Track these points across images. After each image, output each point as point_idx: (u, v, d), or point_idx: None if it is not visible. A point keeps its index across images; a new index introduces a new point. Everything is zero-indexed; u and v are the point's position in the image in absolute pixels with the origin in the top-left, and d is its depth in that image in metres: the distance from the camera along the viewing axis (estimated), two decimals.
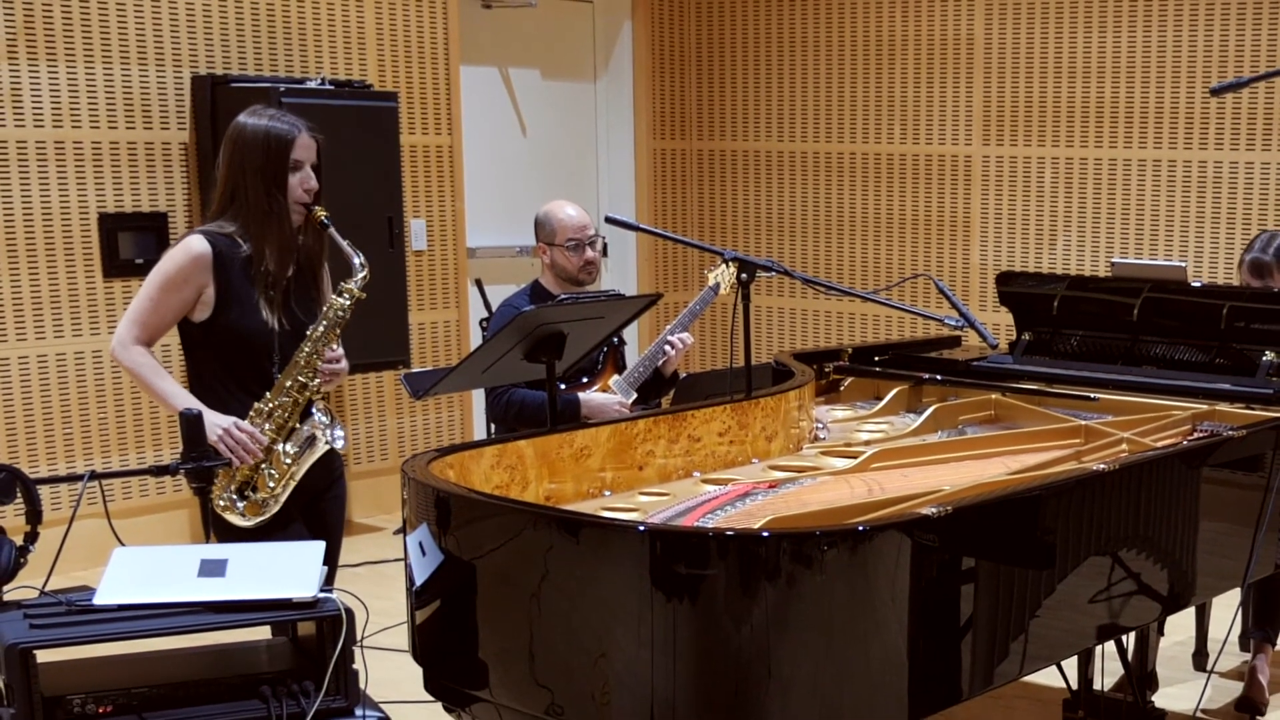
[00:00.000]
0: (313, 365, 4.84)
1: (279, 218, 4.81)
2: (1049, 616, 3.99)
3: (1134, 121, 9.82)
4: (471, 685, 3.76)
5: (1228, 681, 6.59)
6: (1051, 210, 10.16)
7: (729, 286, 6.18)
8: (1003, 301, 6.00)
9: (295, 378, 4.84)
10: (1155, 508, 4.36)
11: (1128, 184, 9.88)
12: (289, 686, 3.70)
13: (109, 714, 3.57)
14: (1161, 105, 9.73)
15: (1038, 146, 10.15)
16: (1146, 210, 9.85)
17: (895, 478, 4.54)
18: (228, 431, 4.72)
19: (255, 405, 4.83)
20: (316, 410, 4.88)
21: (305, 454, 4.88)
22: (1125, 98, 9.82)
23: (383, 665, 5.96)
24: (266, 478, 4.85)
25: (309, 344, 4.83)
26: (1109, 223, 9.98)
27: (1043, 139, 10.13)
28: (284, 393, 4.84)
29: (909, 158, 10.62)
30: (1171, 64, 9.66)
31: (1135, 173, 9.85)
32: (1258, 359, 5.35)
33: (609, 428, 4.55)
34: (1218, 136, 9.58)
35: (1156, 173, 9.79)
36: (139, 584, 3.72)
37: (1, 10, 7.92)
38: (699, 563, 3.37)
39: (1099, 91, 9.90)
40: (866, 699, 3.52)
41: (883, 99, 10.67)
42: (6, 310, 8.08)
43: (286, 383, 4.84)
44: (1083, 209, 10.05)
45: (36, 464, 8.19)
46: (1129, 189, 9.88)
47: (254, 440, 4.77)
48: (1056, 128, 10.08)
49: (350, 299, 4.88)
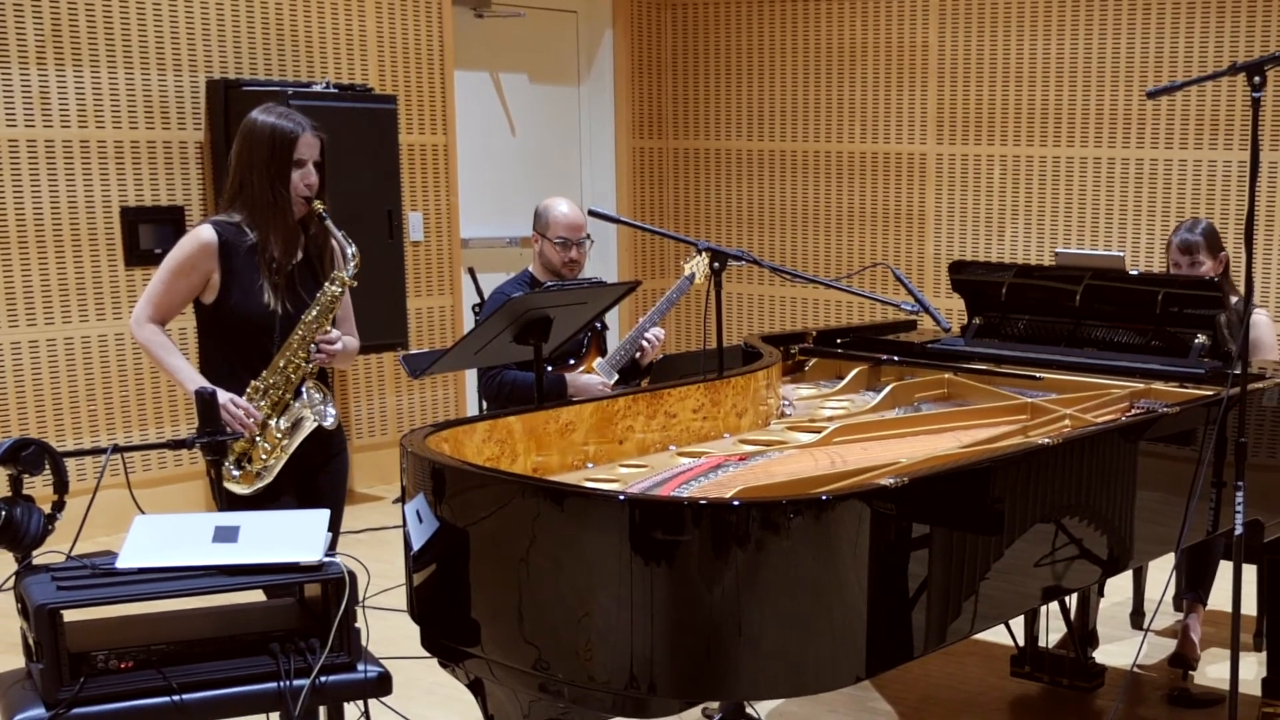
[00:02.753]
0: (306, 347, 4.85)
1: (281, 209, 4.82)
2: (998, 579, 3.99)
3: (1076, 122, 9.83)
4: (465, 642, 3.76)
5: (1162, 639, 6.60)
6: (1000, 204, 10.17)
7: (702, 275, 6.17)
8: (955, 288, 6.00)
9: (289, 359, 4.84)
10: (1096, 479, 4.36)
11: (1070, 180, 9.90)
12: (296, 644, 3.69)
13: (130, 669, 3.56)
14: (1101, 107, 9.74)
15: (988, 145, 10.16)
16: (1088, 204, 9.86)
17: (856, 451, 4.54)
18: (223, 407, 4.72)
19: (252, 383, 4.85)
20: (306, 389, 4.88)
21: (296, 430, 4.89)
22: (1069, 100, 9.83)
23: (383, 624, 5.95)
24: (260, 450, 4.87)
25: (302, 328, 4.84)
26: (1053, 215, 10.00)
27: (992, 138, 10.13)
28: (278, 372, 4.85)
29: (869, 156, 10.62)
30: (1111, 69, 9.67)
31: (1077, 169, 9.86)
32: (1190, 341, 5.35)
33: (592, 405, 4.54)
34: (1153, 136, 9.59)
35: (1097, 169, 9.80)
36: (158, 549, 3.72)
37: (31, 18, 7.92)
38: (674, 529, 3.37)
39: (1044, 94, 9.91)
40: (829, 655, 3.52)
41: (845, 101, 10.67)
42: (35, 296, 8.09)
43: (280, 363, 4.85)
44: (1029, 203, 10.06)
45: (64, 438, 8.20)
46: (1071, 184, 9.90)
47: (248, 415, 4.79)
48: (1005, 128, 10.08)
49: (341, 286, 4.90)
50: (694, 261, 6.34)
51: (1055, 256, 8.23)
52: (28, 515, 3.72)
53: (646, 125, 11.49)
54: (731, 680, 3.47)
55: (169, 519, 3.85)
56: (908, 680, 6.14)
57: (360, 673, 3.74)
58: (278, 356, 4.85)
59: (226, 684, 3.62)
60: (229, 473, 4.84)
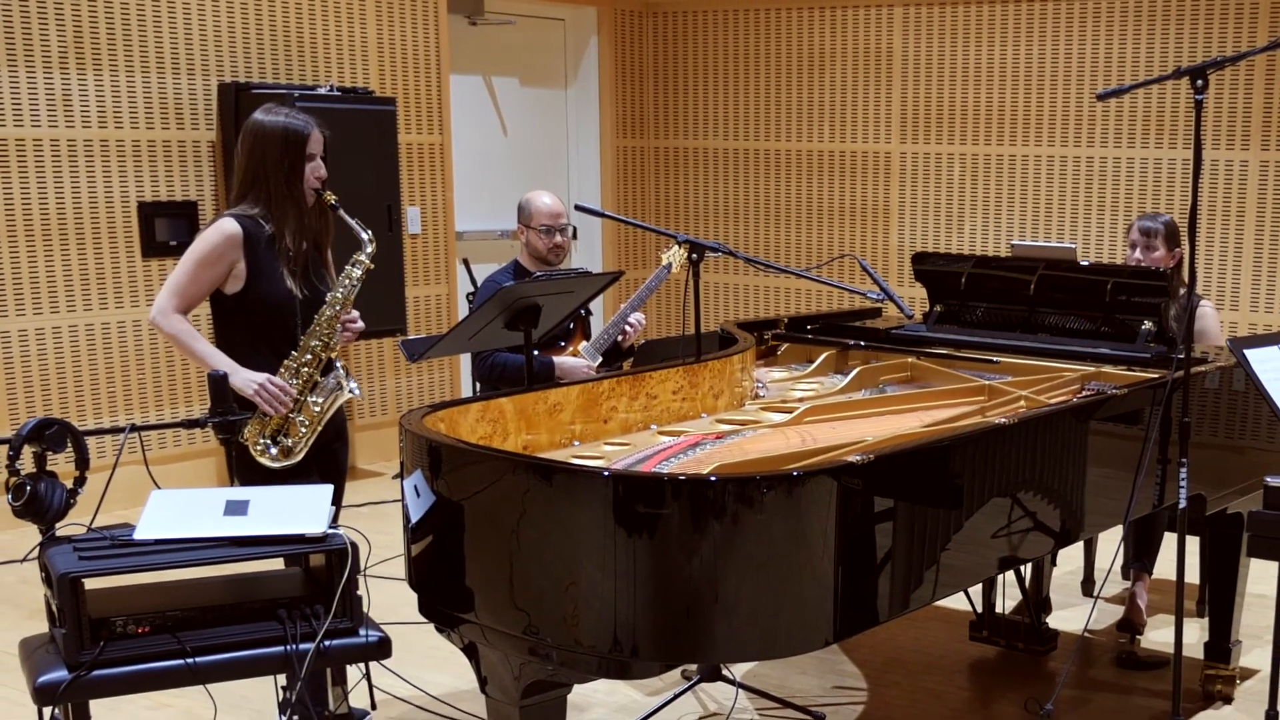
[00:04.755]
0: (333, 326, 4.86)
1: (297, 202, 4.84)
2: (957, 549, 3.99)
3: (1031, 122, 9.84)
4: (459, 609, 3.76)
5: (1111, 606, 6.62)
6: (960, 199, 10.17)
7: (680, 265, 6.17)
8: (918, 278, 6.00)
9: (319, 338, 4.85)
10: (1049, 456, 4.36)
11: (1025, 176, 9.90)
12: (302, 610, 3.70)
13: (147, 633, 3.56)
14: (1055, 108, 9.74)
15: (948, 144, 10.16)
16: (1042, 199, 9.86)
17: (825, 429, 4.54)
18: (263, 386, 4.74)
19: (285, 362, 4.85)
20: (339, 364, 4.90)
21: (331, 402, 4.91)
22: (1024, 102, 9.83)
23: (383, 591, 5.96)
24: (298, 425, 4.86)
25: (329, 309, 4.86)
26: (1009, 210, 10.00)
27: (952, 138, 10.13)
28: (309, 351, 4.85)
29: (837, 154, 10.62)
30: (1064, 73, 9.67)
31: (1032, 166, 9.86)
32: (1137, 328, 5.36)
33: (578, 387, 4.54)
34: (1103, 135, 9.60)
35: (1050, 166, 9.80)
36: (173, 522, 3.71)
37: (55, 26, 7.89)
38: (655, 503, 3.37)
39: (1001, 96, 9.91)
40: (799, 620, 3.52)
41: (815, 103, 10.66)
42: (59, 285, 8.08)
43: (311, 342, 4.85)
44: (987, 198, 10.07)
45: (85, 418, 8.18)
46: (1026, 180, 9.90)
47: (285, 393, 4.79)
48: (964, 128, 10.09)
49: (362, 269, 4.92)
50: (671, 252, 6.34)
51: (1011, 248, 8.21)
52: (51, 490, 3.72)
53: (629, 126, 11.47)
54: (708, 644, 3.47)
55: (183, 493, 3.85)
56: (873, 644, 6.15)
57: (362, 637, 3.74)
58: (307, 337, 4.85)
59: (237, 647, 3.62)
60: (265, 449, 4.84)
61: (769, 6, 10.76)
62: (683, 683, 5.60)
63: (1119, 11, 9.44)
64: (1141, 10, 9.36)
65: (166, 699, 5.33)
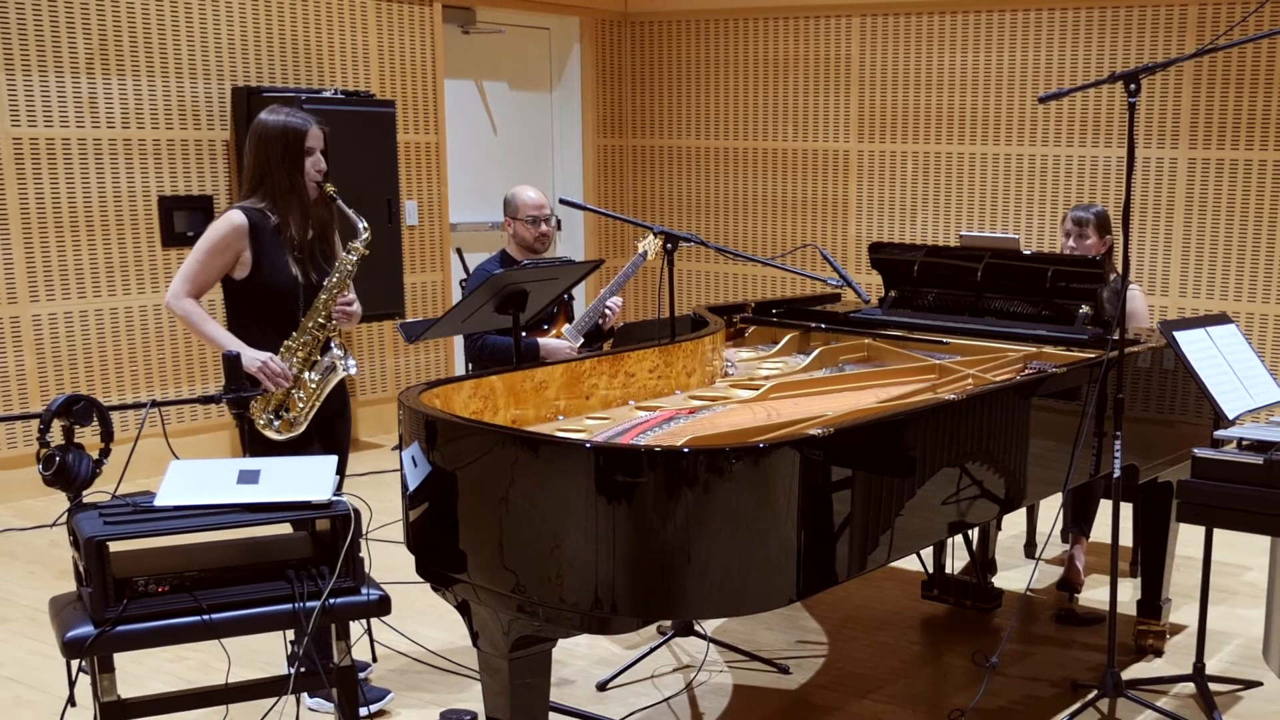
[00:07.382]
0: (329, 310, 4.87)
1: (299, 194, 4.85)
2: (910, 515, 3.99)
3: (979, 123, 9.84)
4: (453, 569, 3.75)
5: (1052, 566, 6.63)
6: (913, 194, 10.17)
7: (655, 254, 6.16)
8: (874, 266, 5.99)
9: (316, 320, 4.86)
10: (995, 429, 4.36)
11: (973, 173, 9.90)
12: (309, 570, 3.69)
13: (166, 592, 3.55)
14: (1000, 110, 9.74)
15: (902, 143, 10.16)
16: (989, 193, 9.87)
17: (789, 405, 4.53)
18: (265, 364, 4.77)
19: (285, 343, 4.86)
20: (335, 345, 4.90)
21: (327, 379, 4.90)
22: (972, 104, 9.83)
23: (383, 554, 5.96)
24: (296, 400, 4.87)
25: (325, 293, 4.87)
26: (959, 203, 10.00)
27: (906, 137, 10.13)
28: (307, 332, 4.86)
29: (800, 152, 10.61)
30: (1009, 77, 9.67)
31: (980, 164, 9.87)
32: (1075, 311, 5.36)
33: (562, 366, 4.53)
34: (1044, 135, 9.60)
35: (996, 164, 9.80)
36: (190, 490, 3.70)
37: (81, 35, 7.87)
38: (633, 472, 3.36)
39: (951, 99, 9.91)
40: (765, 580, 3.52)
41: (779, 105, 10.65)
42: (85, 272, 8.05)
43: (309, 324, 4.86)
44: (938, 192, 10.07)
45: (109, 394, 8.17)
46: (974, 177, 9.90)
47: (282, 374, 4.79)
48: (917, 128, 10.08)
49: (357, 255, 4.92)
50: (646, 241, 6.33)
51: (960, 238, 8.23)
52: (78, 460, 3.70)
53: (609, 126, 11.45)
54: (682, 601, 3.46)
55: (200, 464, 3.84)
56: (833, 601, 6.16)
57: (364, 596, 3.73)
58: (306, 319, 4.86)
59: (249, 605, 3.61)
60: (269, 423, 4.86)
61: (738, 16, 10.75)
62: (658, 637, 5.60)
63: (1059, 22, 9.44)
64: (1080, 20, 9.36)
65: (184, 652, 5.33)
